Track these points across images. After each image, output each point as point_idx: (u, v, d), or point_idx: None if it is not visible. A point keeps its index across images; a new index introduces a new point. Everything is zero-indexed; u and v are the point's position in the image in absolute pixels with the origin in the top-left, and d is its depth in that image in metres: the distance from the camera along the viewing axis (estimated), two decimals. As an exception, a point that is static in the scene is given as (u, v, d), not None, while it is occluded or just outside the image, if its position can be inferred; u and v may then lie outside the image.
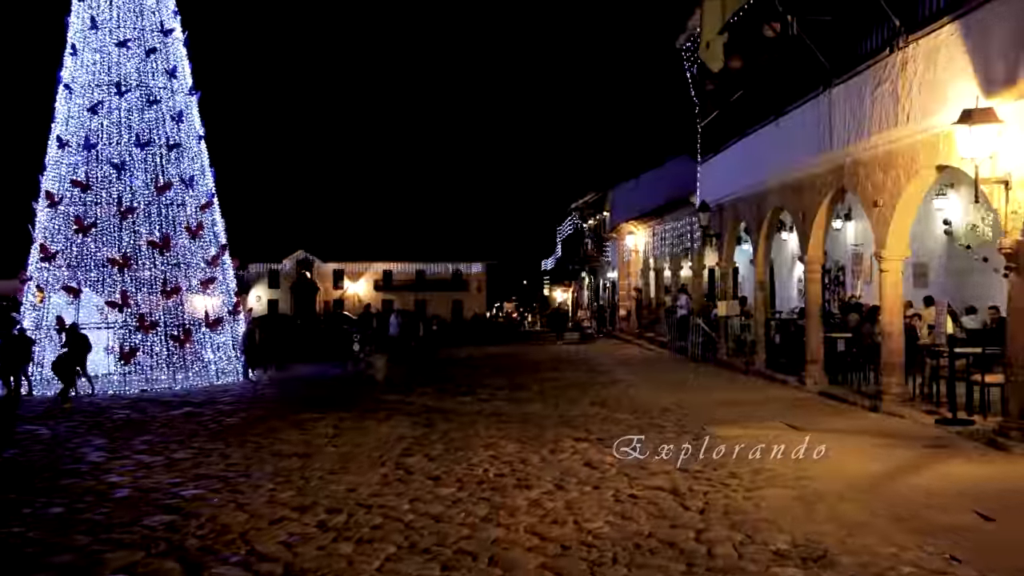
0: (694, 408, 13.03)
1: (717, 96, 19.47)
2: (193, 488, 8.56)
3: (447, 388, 17.60)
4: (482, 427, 11.95)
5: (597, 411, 13.17)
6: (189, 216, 21.39)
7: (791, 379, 15.12)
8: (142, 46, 21.16)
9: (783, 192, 15.61)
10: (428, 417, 13.14)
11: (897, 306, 11.63)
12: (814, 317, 14.28)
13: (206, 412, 14.80)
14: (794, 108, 14.73)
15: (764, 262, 17.22)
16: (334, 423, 12.78)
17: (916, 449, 9.07)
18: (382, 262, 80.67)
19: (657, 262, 30.14)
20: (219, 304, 21.89)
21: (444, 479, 8.60)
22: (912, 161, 10.76)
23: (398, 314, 27.74)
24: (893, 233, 11.35)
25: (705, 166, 21.40)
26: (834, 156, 13.17)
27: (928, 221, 16.52)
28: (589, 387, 16.67)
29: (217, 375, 20.97)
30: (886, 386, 11.63)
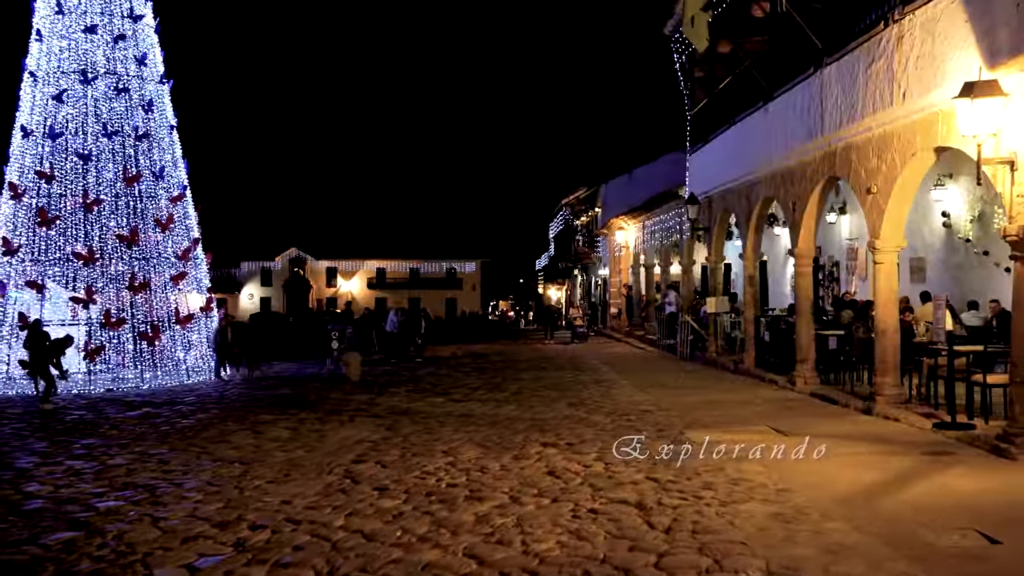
0: (676, 410, 12.23)
1: (706, 83, 18.66)
2: (114, 499, 7.75)
3: (423, 388, 16.85)
4: (448, 430, 11.16)
5: (573, 413, 12.38)
6: (159, 209, 20.65)
7: (781, 379, 14.32)
8: (110, 32, 20.39)
9: (773, 182, 14.80)
10: (394, 419, 12.37)
11: (891, 301, 10.81)
12: (805, 314, 13.47)
13: (164, 413, 14.04)
14: (784, 92, 13.91)
15: (754, 256, 16.40)
16: (293, 425, 12.02)
17: (912, 457, 8.25)
18: (375, 260, 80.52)
19: (647, 258, 29.27)
20: (191, 300, 21.15)
21: (391, 489, 7.79)
22: (908, 144, 9.94)
23: (398, 311, 26.65)
24: (888, 222, 10.52)
25: (694, 157, 20.58)
26: (825, 141, 12.36)
27: (926, 213, 15.74)
28: (570, 387, 15.88)
29: (188, 374, 20.25)
30: (880, 387, 10.82)
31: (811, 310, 13.66)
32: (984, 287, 14.01)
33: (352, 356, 19.19)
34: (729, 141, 17.43)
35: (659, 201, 26.11)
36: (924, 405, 10.75)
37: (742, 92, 16.17)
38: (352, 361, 18.90)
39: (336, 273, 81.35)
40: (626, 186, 37.28)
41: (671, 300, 22.96)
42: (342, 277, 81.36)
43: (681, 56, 20.11)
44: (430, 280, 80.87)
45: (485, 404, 13.87)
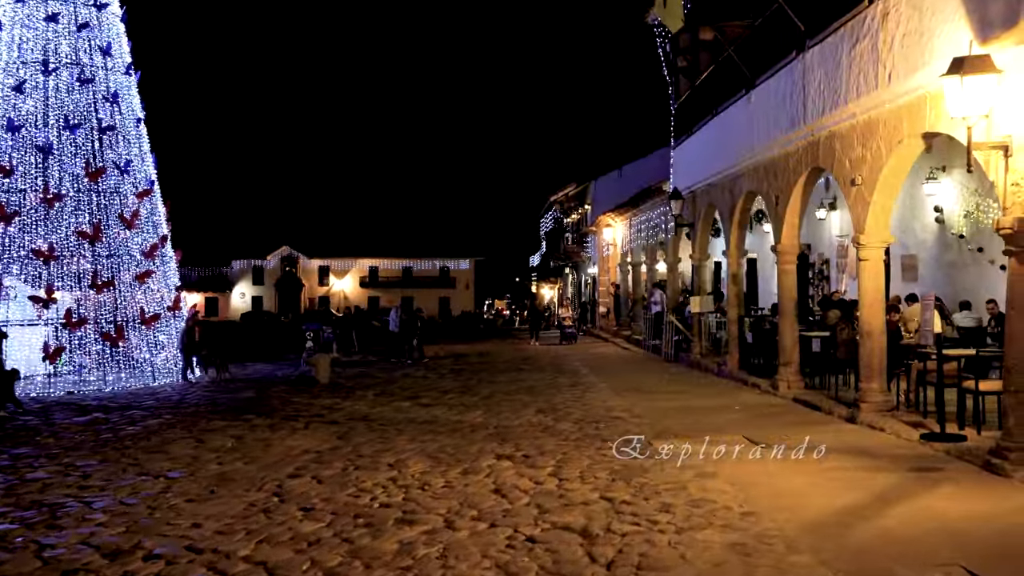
0: (649, 416, 11.47)
1: (689, 73, 17.87)
2: (9, 522, 6.97)
3: (393, 391, 16.10)
4: (404, 439, 10.41)
5: (540, 420, 11.62)
6: (124, 204, 19.85)
7: (764, 382, 13.55)
8: (73, 21, 19.59)
9: (756, 174, 14.02)
10: (351, 426, 11.64)
11: (877, 300, 10.03)
12: (788, 314, 12.68)
13: (113, 419, 13.27)
14: (766, 79, 13.13)
15: (737, 253, 15.61)
16: (241, 433, 11.29)
17: (895, 474, 7.47)
18: (368, 258, 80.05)
19: (634, 256, 28.46)
20: (157, 299, 20.36)
21: (318, 510, 7.02)
22: (894, 130, 9.15)
23: (399, 309, 25.63)
24: (873, 215, 9.73)
25: (678, 150, 19.80)
26: (809, 130, 11.58)
27: (918, 209, 14.99)
28: (544, 391, 15.12)
29: (155, 376, 19.47)
30: (865, 393, 10.04)
31: (795, 310, 12.88)
32: (978, 286, 13.28)
33: (321, 358, 18.46)
34: (712, 133, 16.65)
35: (644, 196, 25.29)
36: (912, 413, 9.99)
37: (725, 81, 15.39)
38: (321, 363, 18.15)
39: (328, 272, 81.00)
40: (616, 182, 36.48)
41: (656, 299, 22.17)
42: (334, 276, 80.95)
43: (664, 45, 19.32)
44: (423, 279, 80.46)
45: (452, 409, 13.13)
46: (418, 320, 24.01)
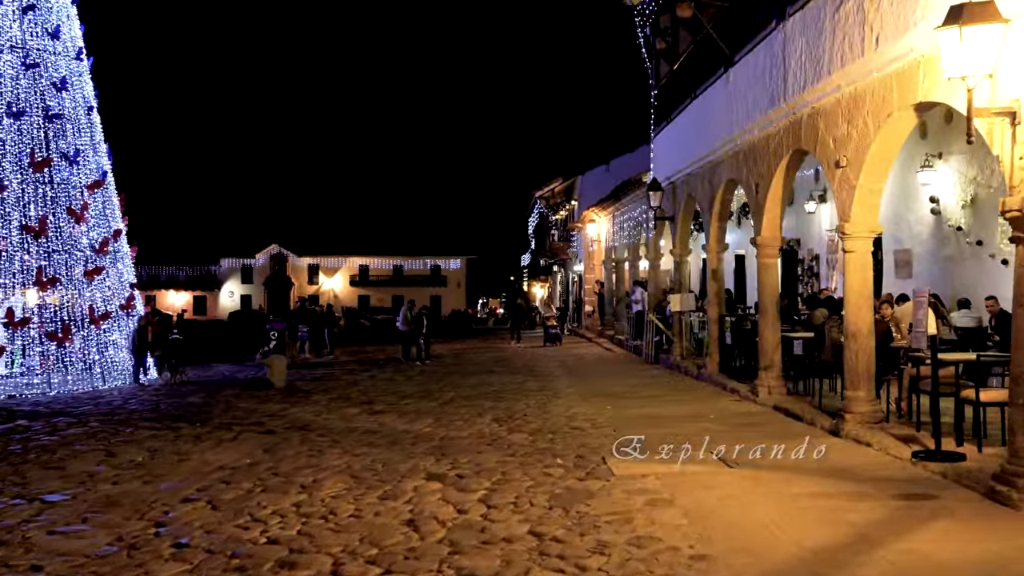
0: (612, 426, 10.32)
1: (669, 55, 16.72)
2: None
3: (350, 395, 14.99)
4: (336, 453, 9.30)
5: (492, 430, 10.48)
6: (73, 197, 18.70)
7: (744, 387, 12.40)
8: (18, 2, 18.43)
9: (735, 161, 12.87)
10: (284, 437, 10.53)
11: (864, 297, 8.86)
12: (769, 313, 11.52)
13: (35, 427, 12.17)
14: (745, 54, 11.97)
15: (717, 247, 14.45)
16: (161, 445, 10.19)
17: (882, 502, 6.30)
18: (358, 257, 79.31)
19: (617, 252, 27.27)
20: (107, 297, 19.21)
21: (193, 546, 5.87)
22: (883, 102, 8.00)
23: (414, 305, 23.96)
24: (860, 200, 8.57)
25: (658, 139, 18.64)
26: (790, 108, 10.43)
27: (911, 199, 13.87)
28: (508, 396, 13.99)
29: (104, 378, 18.34)
30: (850, 402, 8.88)
31: (777, 309, 11.73)
32: (977, 282, 12.17)
33: (276, 359, 17.28)
34: (691, 118, 15.49)
35: (625, 188, 24.08)
36: (903, 424, 8.84)
37: (704, 60, 14.24)
38: (276, 365, 16.98)
39: (318, 270, 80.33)
40: (604, 177, 35.26)
41: (637, 297, 21.01)
42: (324, 274, 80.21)
43: (645, 28, 18.16)
44: (414, 277, 79.72)
45: (403, 417, 12.00)
46: (424, 319, 22.68)
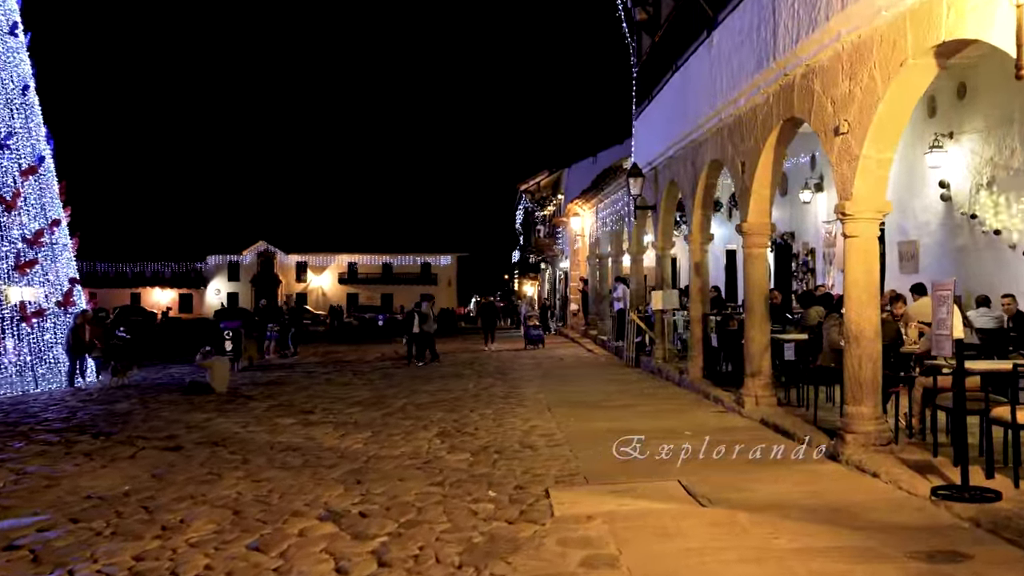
0: (570, 445, 8.74)
1: (650, 27, 15.15)
2: None
3: (293, 402, 13.42)
4: (235, 477, 7.77)
5: (430, 448, 8.91)
6: (5, 183, 17.15)
7: (728, 396, 10.81)
8: (-60, -28, 16.91)
9: (719, 138, 11.27)
10: (190, 454, 9.06)
11: (869, 292, 7.25)
12: (757, 312, 9.92)
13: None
14: (730, 12, 10.38)
15: (700, 237, 12.84)
16: (36, 466, 8.58)
17: (896, 564, 4.68)
18: (347, 254, 78.16)
19: (601, 247, 25.64)
20: (40, 293, 17.64)
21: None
22: (895, 48, 6.41)
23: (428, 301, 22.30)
24: (864, 173, 6.96)
25: (640, 120, 17.04)
26: (780, 68, 8.84)
27: (918, 185, 12.31)
28: (466, 404, 12.43)
29: (36, 382, 16.80)
30: (852, 419, 7.28)
31: (767, 306, 10.14)
32: (993, 277, 10.64)
33: (217, 362, 15.67)
34: (673, 92, 13.89)
35: (607, 177, 22.47)
36: (916, 446, 7.26)
37: (686, 27, 12.66)
38: (217, 368, 15.38)
39: (306, 268, 79.19)
40: (590, 170, 33.65)
41: (619, 294, 19.42)
42: (313, 272, 79.12)
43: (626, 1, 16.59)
44: (404, 275, 78.66)
45: (337, 429, 10.47)
46: (415, 316, 21.07)
